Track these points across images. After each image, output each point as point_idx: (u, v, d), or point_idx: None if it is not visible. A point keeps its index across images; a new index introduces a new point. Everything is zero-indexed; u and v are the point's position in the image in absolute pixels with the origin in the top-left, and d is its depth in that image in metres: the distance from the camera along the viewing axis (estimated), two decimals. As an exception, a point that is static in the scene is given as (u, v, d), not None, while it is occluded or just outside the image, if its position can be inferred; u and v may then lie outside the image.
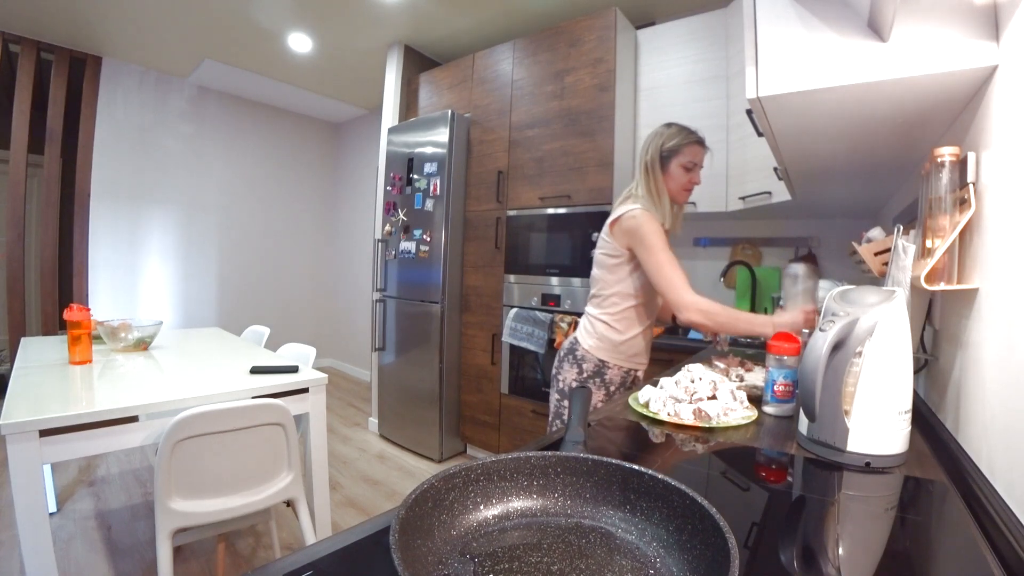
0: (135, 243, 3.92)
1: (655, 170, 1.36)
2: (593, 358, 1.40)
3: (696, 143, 1.35)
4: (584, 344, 1.42)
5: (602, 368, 1.40)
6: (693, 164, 1.35)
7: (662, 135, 1.37)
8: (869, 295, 0.79)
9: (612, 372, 1.40)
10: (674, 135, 1.35)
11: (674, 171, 1.35)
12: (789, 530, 0.58)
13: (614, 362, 1.40)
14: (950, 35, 0.72)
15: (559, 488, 0.52)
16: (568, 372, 1.43)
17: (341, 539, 0.49)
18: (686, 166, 1.34)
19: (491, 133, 2.83)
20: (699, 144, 1.36)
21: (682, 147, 1.34)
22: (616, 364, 1.40)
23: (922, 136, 1.03)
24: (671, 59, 2.39)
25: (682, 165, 1.34)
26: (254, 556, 1.89)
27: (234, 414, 1.28)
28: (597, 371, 1.40)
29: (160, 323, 2.07)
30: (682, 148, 1.34)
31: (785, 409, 0.98)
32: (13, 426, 1.09)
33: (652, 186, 1.36)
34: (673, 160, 1.34)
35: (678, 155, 1.34)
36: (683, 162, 1.34)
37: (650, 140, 1.38)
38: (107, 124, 3.66)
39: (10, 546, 1.81)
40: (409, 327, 3.04)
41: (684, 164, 1.34)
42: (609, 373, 1.40)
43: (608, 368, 1.40)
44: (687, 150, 1.34)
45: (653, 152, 1.35)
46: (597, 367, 1.40)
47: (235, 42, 3.37)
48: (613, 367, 1.40)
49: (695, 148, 1.35)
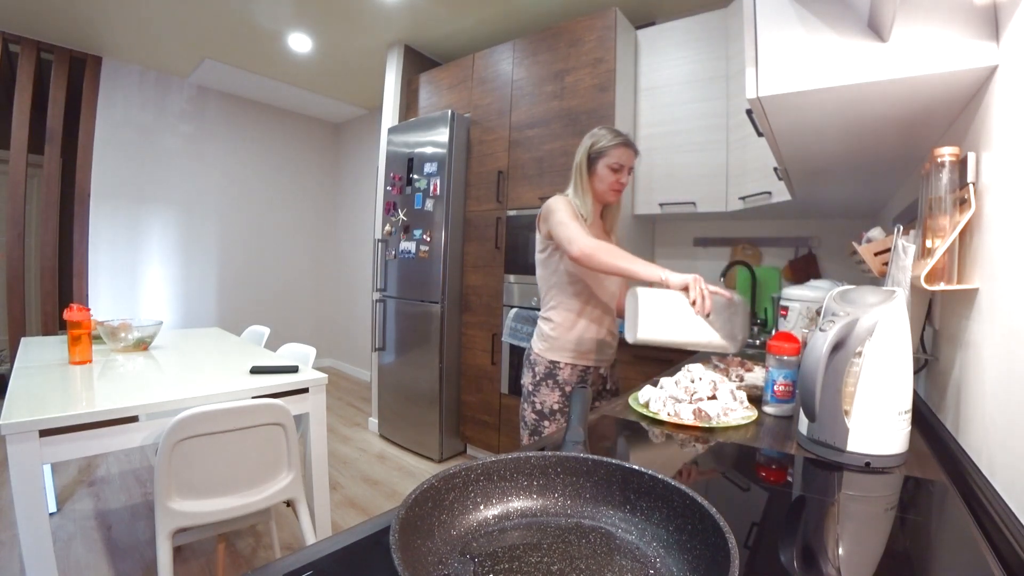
0: (135, 243, 3.92)
1: (583, 170, 1.42)
2: (543, 360, 1.43)
3: (623, 145, 1.40)
4: (535, 348, 1.46)
5: (553, 369, 1.41)
6: (620, 165, 1.39)
7: (593, 136, 1.42)
8: (869, 295, 0.79)
9: (565, 372, 1.41)
10: (603, 137, 1.40)
11: (601, 171, 1.40)
12: (789, 530, 0.58)
13: (565, 361, 1.41)
14: (950, 35, 0.72)
15: (559, 488, 0.52)
16: (525, 376, 1.47)
17: (341, 539, 0.49)
18: (612, 167, 1.39)
19: (491, 133, 2.83)
20: (626, 146, 1.40)
21: (608, 149, 1.39)
22: (568, 363, 1.41)
23: (922, 136, 1.03)
24: (671, 59, 2.39)
25: (609, 166, 1.39)
26: (254, 556, 1.89)
27: (234, 414, 1.28)
28: (548, 373, 1.42)
29: (160, 323, 2.07)
30: (608, 150, 1.39)
31: (785, 409, 0.98)
32: (13, 426, 1.09)
33: (578, 185, 1.43)
34: (600, 161, 1.40)
35: (605, 156, 1.39)
36: (610, 163, 1.39)
37: (583, 142, 1.44)
38: (107, 124, 3.66)
39: (10, 546, 1.81)
40: (409, 327, 3.03)
41: (611, 165, 1.39)
42: (562, 373, 1.41)
43: (559, 368, 1.41)
44: (614, 152, 1.39)
45: (583, 154, 1.42)
46: (548, 369, 1.42)
47: (235, 42, 3.37)
48: (565, 366, 1.41)
49: (622, 150, 1.39)
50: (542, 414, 1.41)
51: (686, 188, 2.34)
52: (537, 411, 1.42)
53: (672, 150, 2.38)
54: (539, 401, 1.42)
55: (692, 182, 2.32)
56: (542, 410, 1.41)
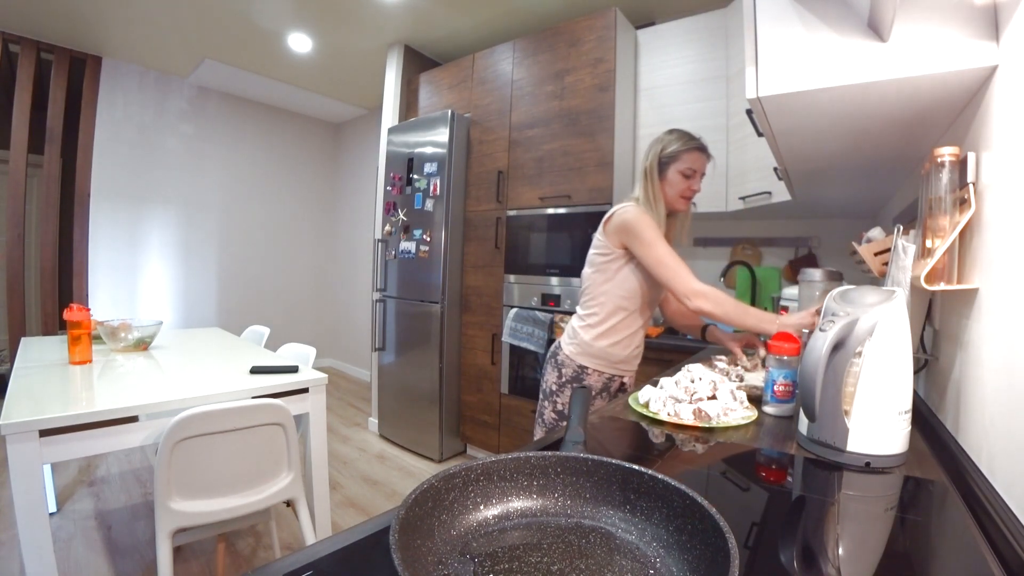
0: (135, 243, 3.92)
1: (653, 176, 1.35)
2: (572, 363, 1.40)
3: (696, 150, 1.34)
4: (565, 349, 1.42)
5: (580, 374, 1.39)
6: (692, 171, 1.33)
7: (662, 141, 1.36)
8: (869, 295, 0.79)
9: (591, 378, 1.39)
10: (674, 141, 1.34)
11: (672, 177, 1.34)
12: (789, 530, 0.58)
13: (594, 367, 1.39)
14: (950, 35, 0.72)
15: (559, 488, 0.52)
16: (549, 375, 1.44)
17: (341, 539, 0.49)
18: (685, 172, 1.33)
19: (491, 133, 2.83)
20: (699, 151, 1.34)
21: (680, 153, 1.32)
22: (596, 370, 1.39)
23: (922, 136, 1.03)
24: (671, 59, 2.39)
25: (680, 172, 1.33)
26: (254, 556, 1.89)
27: (234, 414, 1.28)
28: (575, 376, 1.39)
29: (160, 323, 2.07)
30: (680, 155, 1.32)
31: (785, 409, 0.98)
32: (13, 426, 1.09)
33: (649, 192, 1.35)
34: (672, 166, 1.33)
35: (676, 161, 1.33)
36: (681, 168, 1.32)
37: (651, 146, 1.37)
38: (107, 124, 3.66)
39: (10, 546, 1.81)
40: (409, 327, 3.03)
41: (683, 171, 1.33)
42: (588, 379, 1.39)
43: (587, 374, 1.39)
44: (686, 156, 1.32)
45: (652, 158, 1.35)
46: (576, 372, 1.40)
47: (235, 42, 3.37)
48: (592, 372, 1.39)
49: (695, 155, 1.33)
50: (562, 415, 1.39)
51: (686, 188, 2.34)
52: (558, 411, 1.40)
53: (672, 150, 2.38)
54: (561, 402, 1.40)
55: (692, 182, 2.32)
56: (563, 411, 1.39)
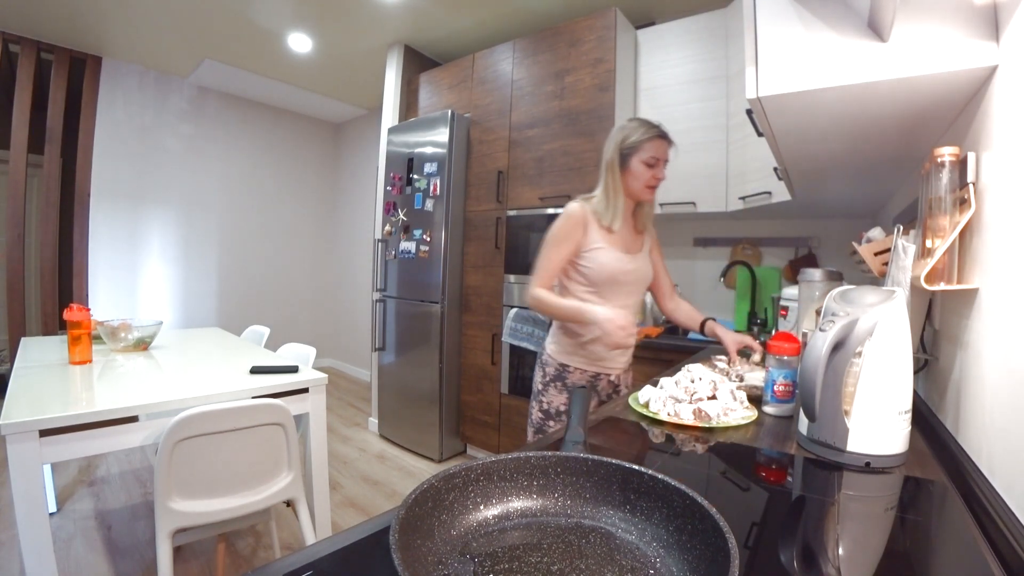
0: (135, 243, 3.92)
1: (614, 168, 1.32)
2: (554, 362, 1.41)
3: (658, 137, 1.30)
4: (548, 349, 1.43)
5: (563, 372, 1.39)
6: (656, 159, 1.30)
7: (623, 130, 1.33)
8: (869, 295, 0.79)
9: (574, 376, 1.39)
10: (634, 131, 1.30)
11: (636, 168, 1.30)
12: (789, 530, 0.58)
13: (576, 365, 1.39)
14: (950, 35, 0.72)
15: (559, 488, 0.52)
16: (536, 375, 1.45)
17: (341, 539, 0.49)
18: (648, 162, 1.29)
19: (491, 133, 2.83)
20: (661, 138, 1.31)
21: (642, 143, 1.29)
22: (578, 368, 1.39)
23: (922, 136, 1.03)
24: (671, 59, 2.38)
25: (644, 161, 1.29)
26: (254, 556, 1.89)
27: (234, 414, 1.28)
28: (558, 375, 1.40)
29: (160, 323, 2.07)
30: (642, 144, 1.29)
31: (785, 409, 0.98)
32: (13, 426, 1.09)
33: (609, 184, 1.33)
34: (634, 156, 1.30)
35: (639, 151, 1.29)
36: (645, 158, 1.29)
37: (610, 138, 1.35)
38: (107, 124, 3.66)
39: (10, 546, 1.81)
40: (409, 327, 3.03)
41: (646, 160, 1.29)
42: (571, 377, 1.39)
43: (569, 372, 1.39)
44: (648, 145, 1.29)
45: (613, 150, 1.32)
46: (558, 371, 1.40)
47: (235, 42, 3.37)
48: (575, 371, 1.39)
49: (657, 143, 1.30)
50: (548, 414, 1.40)
51: (686, 188, 2.34)
52: (544, 411, 1.41)
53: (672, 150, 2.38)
54: (547, 401, 1.40)
55: (692, 182, 2.32)
56: (549, 410, 1.40)
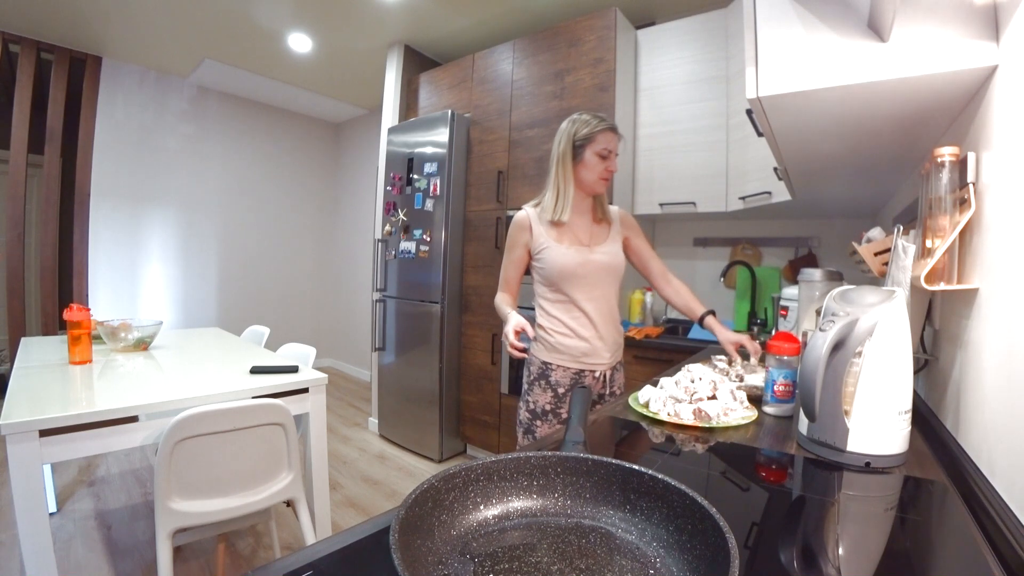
0: (135, 243, 3.92)
1: (566, 162, 1.34)
2: (536, 360, 1.42)
3: (609, 129, 1.32)
4: (532, 348, 1.45)
5: (546, 370, 1.40)
6: (608, 151, 1.32)
7: (574, 124, 1.34)
8: (869, 295, 0.79)
9: (557, 373, 1.39)
10: (586, 124, 1.33)
11: (589, 160, 1.33)
12: (789, 530, 0.58)
13: (558, 363, 1.39)
14: (950, 35, 0.72)
15: (559, 488, 0.52)
16: (523, 376, 1.46)
17: (341, 539, 0.49)
18: (601, 153, 1.32)
19: (491, 133, 2.83)
20: (611, 131, 1.33)
21: (595, 135, 1.31)
22: (561, 365, 1.39)
23: (922, 136, 1.03)
24: (671, 59, 2.38)
25: (597, 153, 1.32)
26: (254, 556, 1.89)
27: (234, 414, 1.28)
28: (542, 373, 1.41)
29: (160, 323, 2.07)
30: (595, 136, 1.31)
31: (785, 409, 0.98)
32: (13, 426, 1.09)
33: (560, 176, 1.35)
34: (587, 148, 1.32)
35: (592, 143, 1.31)
36: (598, 149, 1.31)
37: (562, 131, 1.36)
38: (107, 124, 3.66)
39: (10, 546, 1.81)
40: (409, 327, 3.03)
41: (599, 152, 1.31)
42: (554, 375, 1.39)
43: (552, 369, 1.40)
44: (600, 137, 1.31)
45: (566, 143, 1.34)
46: (541, 369, 1.41)
47: (235, 42, 3.37)
48: (557, 368, 1.39)
49: (608, 135, 1.32)
50: (535, 414, 1.40)
51: (686, 188, 2.34)
52: (530, 410, 1.41)
53: (672, 150, 2.38)
54: (532, 400, 1.41)
55: (692, 182, 2.32)
56: (535, 410, 1.40)
